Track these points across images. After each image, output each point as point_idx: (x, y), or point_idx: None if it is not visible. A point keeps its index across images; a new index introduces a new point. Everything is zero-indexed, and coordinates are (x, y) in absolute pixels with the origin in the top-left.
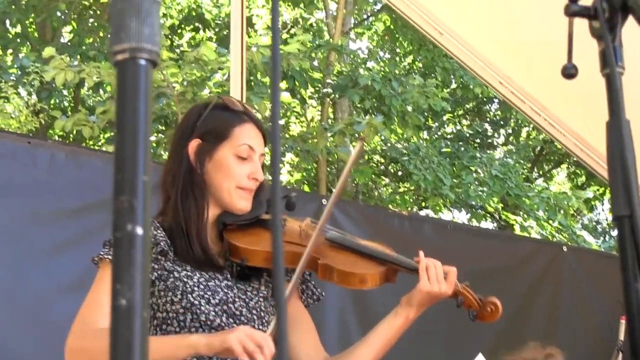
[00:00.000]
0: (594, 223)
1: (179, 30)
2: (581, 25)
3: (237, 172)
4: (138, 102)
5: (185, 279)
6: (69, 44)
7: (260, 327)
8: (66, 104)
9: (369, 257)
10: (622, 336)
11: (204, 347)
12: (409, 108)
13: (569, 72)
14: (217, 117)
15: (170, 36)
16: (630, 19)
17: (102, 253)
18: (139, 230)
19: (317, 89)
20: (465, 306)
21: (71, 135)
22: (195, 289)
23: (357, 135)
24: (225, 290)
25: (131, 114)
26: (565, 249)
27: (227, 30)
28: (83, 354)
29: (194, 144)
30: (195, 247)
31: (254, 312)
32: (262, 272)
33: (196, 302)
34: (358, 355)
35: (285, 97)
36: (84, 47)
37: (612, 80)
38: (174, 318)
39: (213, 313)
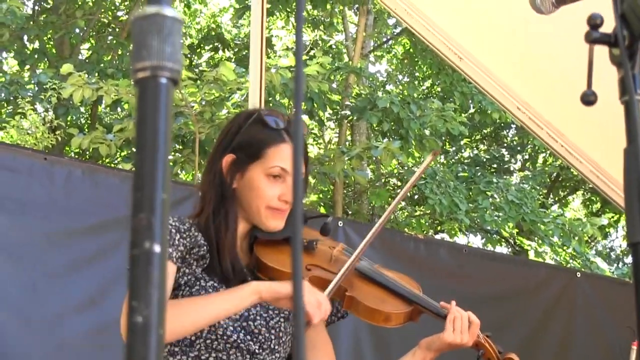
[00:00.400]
0: (608, 249)
1: (198, 50)
2: (600, 52)
3: (267, 193)
4: (158, 121)
5: (210, 290)
6: (87, 61)
7: (277, 347)
8: (83, 121)
9: (397, 295)
10: None
11: (268, 291)
12: (427, 132)
13: (588, 98)
14: (254, 134)
15: (189, 55)
16: None
17: None
18: (157, 248)
19: (335, 110)
20: (484, 358)
21: (87, 153)
22: None
23: (374, 158)
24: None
25: (151, 132)
26: (579, 275)
27: (246, 51)
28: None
29: (227, 159)
30: (224, 263)
31: (273, 331)
32: None
33: None
34: None
35: (303, 118)
36: (102, 65)
37: (631, 107)
38: None
39: (231, 328)
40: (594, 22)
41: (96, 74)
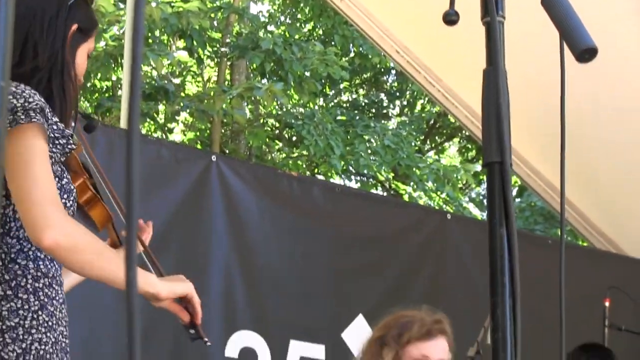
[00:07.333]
0: (481, 197)
1: None
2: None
3: (82, 71)
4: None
5: (72, 184)
6: None
7: None
8: None
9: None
10: None
11: (164, 289)
12: (307, 74)
13: (450, 18)
14: (89, 10)
15: None
16: None
17: (32, 117)
18: None
19: (215, 48)
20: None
21: None
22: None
23: (254, 99)
24: None
25: None
26: (449, 217)
27: None
28: (79, 254)
29: (74, 27)
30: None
31: None
32: None
33: (75, 211)
34: None
35: (182, 56)
36: None
37: (492, 29)
38: None
39: None
40: None
41: None
